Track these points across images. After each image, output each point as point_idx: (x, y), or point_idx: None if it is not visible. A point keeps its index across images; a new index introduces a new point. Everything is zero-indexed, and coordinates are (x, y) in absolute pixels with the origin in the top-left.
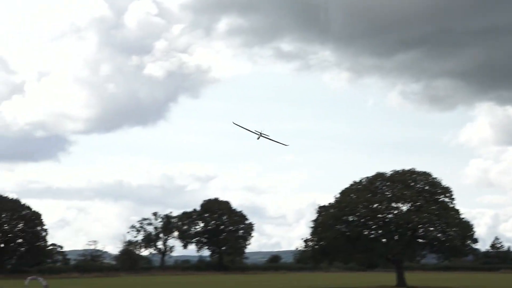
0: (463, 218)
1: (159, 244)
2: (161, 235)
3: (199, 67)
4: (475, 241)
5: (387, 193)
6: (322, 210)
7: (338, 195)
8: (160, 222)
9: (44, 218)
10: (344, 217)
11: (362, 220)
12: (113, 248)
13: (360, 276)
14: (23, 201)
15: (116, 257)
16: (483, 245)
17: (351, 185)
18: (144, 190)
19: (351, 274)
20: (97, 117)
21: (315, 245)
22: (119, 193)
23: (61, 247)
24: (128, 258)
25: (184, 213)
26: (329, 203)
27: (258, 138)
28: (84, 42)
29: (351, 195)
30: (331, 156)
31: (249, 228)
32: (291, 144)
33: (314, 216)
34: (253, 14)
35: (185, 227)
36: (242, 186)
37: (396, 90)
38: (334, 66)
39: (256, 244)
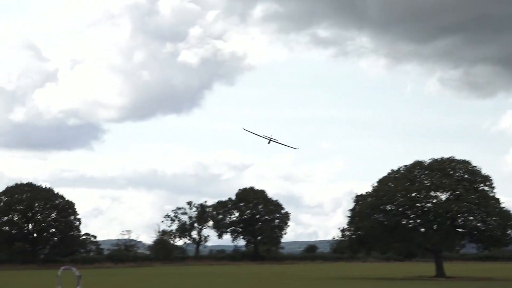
0: (503, 207)
1: (194, 234)
2: (195, 224)
3: (234, 54)
4: None
5: (426, 181)
6: (359, 199)
7: (375, 184)
8: (194, 211)
9: (78, 207)
10: (382, 206)
11: (400, 209)
12: (147, 237)
13: (398, 266)
14: (56, 190)
15: (150, 247)
16: None
17: (389, 173)
18: (179, 179)
19: (389, 264)
20: (131, 105)
21: (352, 234)
22: (153, 182)
23: (95, 237)
24: (162, 248)
25: (219, 202)
26: (367, 192)
27: (269, 143)
28: (118, 29)
29: (389, 183)
30: (368, 144)
31: (285, 217)
32: (329, 132)
33: (351, 205)
34: (289, 0)
35: (220, 216)
36: (278, 175)
37: (434, 77)
38: (371, 52)
39: (292, 234)
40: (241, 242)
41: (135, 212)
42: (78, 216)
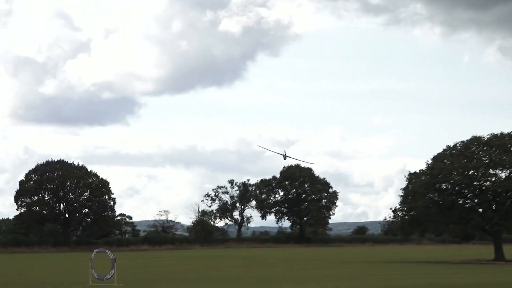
0: None
1: (235, 215)
2: (237, 204)
3: (279, 22)
4: None
5: (484, 158)
6: (412, 177)
7: (430, 161)
8: (236, 190)
9: (112, 186)
10: (437, 185)
11: (456, 188)
12: (186, 218)
13: (454, 249)
14: (89, 167)
15: (189, 229)
16: None
17: (444, 150)
18: (219, 156)
19: (444, 247)
20: (168, 77)
21: (405, 215)
22: (192, 159)
23: (130, 218)
24: (201, 230)
25: (263, 181)
26: (420, 170)
27: (285, 159)
28: None
29: (445, 161)
30: (422, 118)
31: (333, 197)
32: (380, 105)
33: (403, 183)
34: None
35: (264, 196)
36: (325, 151)
37: (494, 46)
38: (426, 20)
39: (341, 214)
40: (285, 223)
41: (172, 191)
42: (112, 196)
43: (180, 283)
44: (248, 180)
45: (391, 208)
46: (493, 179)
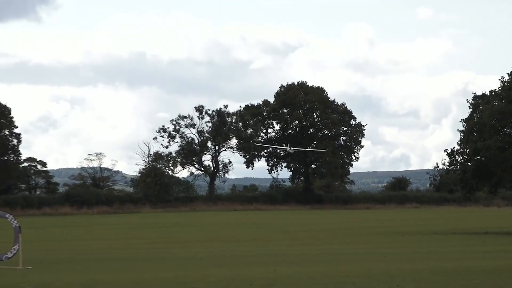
0: None
1: (206, 160)
2: (209, 144)
3: None
4: None
5: None
6: (480, 102)
7: (507, 78)
8: (207, 122)
9: (15, 116)
10: None
11: None
12: (130, 166)
13: None
14: None
15: (135, 181)
16: None
17: None
18: (181, 68)
19: None
20: None
21: (468, 160)
22: (138, 74)
23: (43, 164)
24: (154, 183)
25: (248, 108)
26: (491, 91)
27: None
28: None
29: None
30: (498, 10)
31: (357, 132)
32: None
33: (465, 112)
34: None
35: (250, 131)
36: (345, 62)
37: None
38: None
39: (368, 160)
40: (283, 173)
41: (108, 124)
42: (15, 130)
43: (114, 264)
44: (226, 106)
45: (446, 151)
46: None
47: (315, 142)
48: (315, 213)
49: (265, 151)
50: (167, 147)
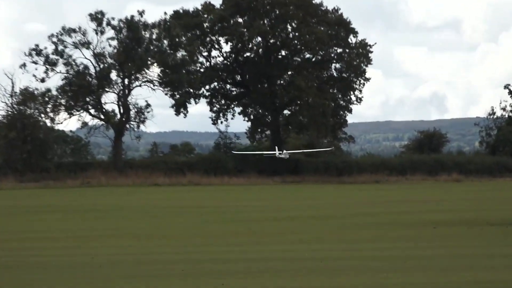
0: None
1: (109, 102)
2: (113, 75)
3: None
4: None
5: None
6: None
7: None
8: (111, 38)
9: None
10: None
11: None
12: None
13: None
14: None
15: None
16: None
17: None
18: None
19: None
20: None
21: None
22: None
23: None
24: (21, 140)
25: (179, 15)
26: None
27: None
28: None
29: None
30: None
31: (359, 56)
32: None
33: None
34: None
35: (182, 53)
36: None
37: None
38: None
39: (377, 103)
40: (237, 125)
41: None
42: None
43: None
44: (141, 13)
45: (507, 86)
46: None
47: (289, 73)
48: (289, 190)
49: (207, 87)
50: (43, 80)
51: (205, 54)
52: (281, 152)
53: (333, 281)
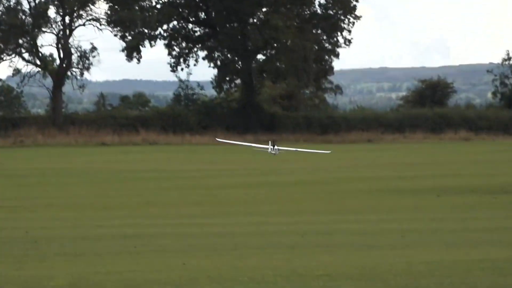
0: None
1: (46, 45)
2: (51, 12)
3: None
4: None
5: None
6: None
7: None
8: None
9: None
10: None
11: None
12: None
13: None
14: None
15: None
16: None
17: None
18: None
19: None
20: None
21: None
22: None
23: None
24: None
25: None
26: None
27: (275, 153)
28: None
29: None
30: None
31: None
32: None
33: None
34: None
35: None
36: None
37: None
38: None
39: (369, 47)
40: (201, 72)
41: None
42: None
43: None
44: None
45: None
46: None
47: (263, 10)
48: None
49: (164, 27)
50: None
51: None
52: (272, 147)
53: (315, 259)
